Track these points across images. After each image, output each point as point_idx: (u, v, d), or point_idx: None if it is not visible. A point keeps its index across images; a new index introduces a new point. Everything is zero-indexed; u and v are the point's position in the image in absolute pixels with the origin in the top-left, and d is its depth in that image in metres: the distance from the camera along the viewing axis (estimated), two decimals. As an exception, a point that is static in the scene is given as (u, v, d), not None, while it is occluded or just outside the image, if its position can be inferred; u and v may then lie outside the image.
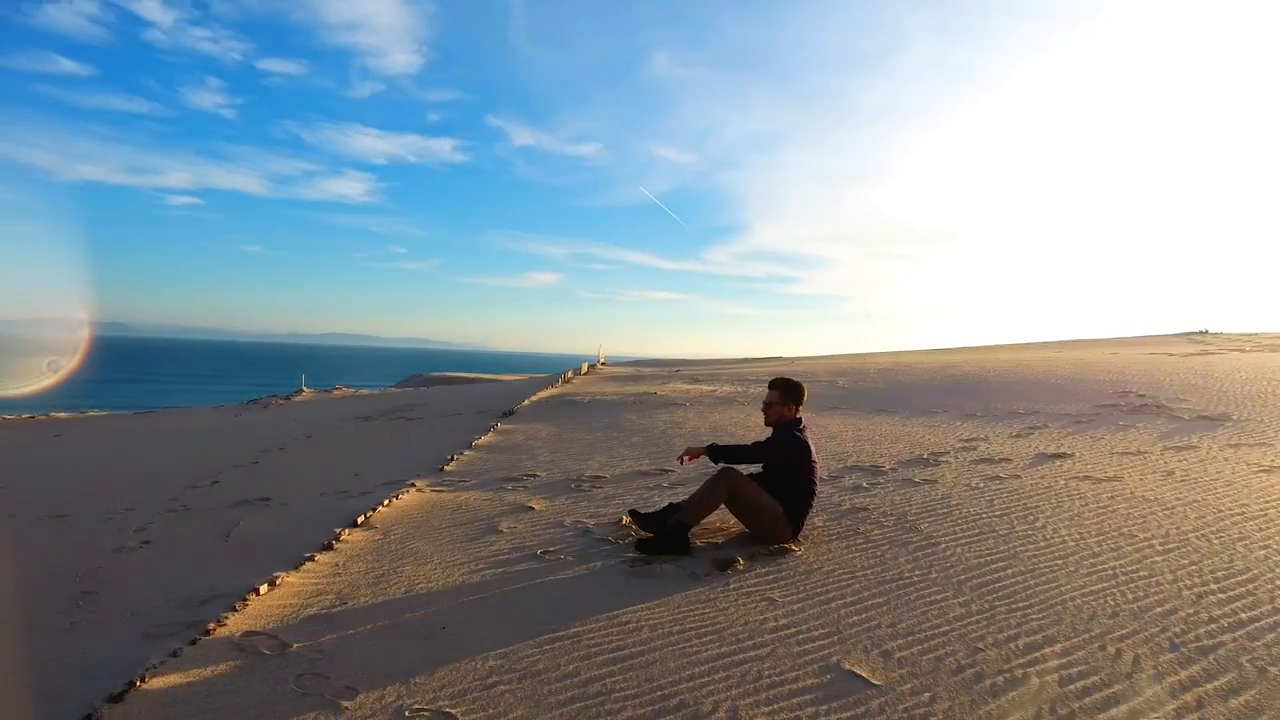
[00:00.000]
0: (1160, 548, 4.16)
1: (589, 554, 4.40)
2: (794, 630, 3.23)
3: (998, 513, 4.98)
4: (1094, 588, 3.60)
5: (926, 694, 2.64)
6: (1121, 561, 3.96)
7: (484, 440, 8.79)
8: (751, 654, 3.01)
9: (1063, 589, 3.60)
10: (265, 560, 4.43)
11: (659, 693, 2.72)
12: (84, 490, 7.76)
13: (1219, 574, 3.72)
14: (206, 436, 12.32)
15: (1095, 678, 2.72)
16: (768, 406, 4.87)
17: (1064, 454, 6.98)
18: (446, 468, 7.20)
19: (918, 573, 3.90)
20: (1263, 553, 4.02)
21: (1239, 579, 3.65)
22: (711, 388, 14.14)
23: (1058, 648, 2.97)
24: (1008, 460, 6.80)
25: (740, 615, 3.41)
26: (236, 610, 3.53)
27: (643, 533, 4.72)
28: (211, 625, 3.35)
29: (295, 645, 3.18)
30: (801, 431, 4.70)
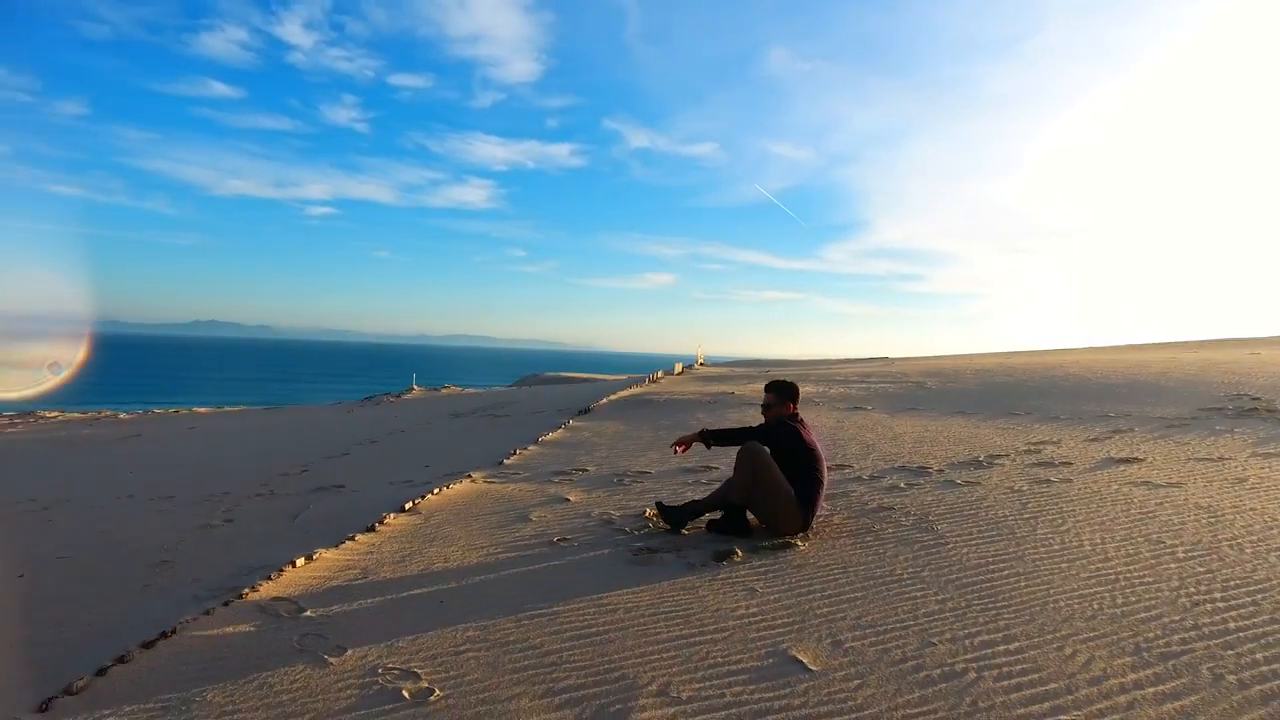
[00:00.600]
0: (1182, 555, 3.98)
1: (601, 543, 4.63)
2: (759, 618, 3.35)
3: (1026, 516, 4.85)
4: (1086, 591, 3.52)
5: (856, 681, 2.72)
6: (1132, 567, 3.82)
7: (551, 436, 9.17)
8: (709, 638, 3.16)
9: (1052, 591, 3.53)
10: (318, 539, 4.90)
11: (606, 666, 2.92)
12: (194, 475, 8.67)
13: (1231, 583, 3.55)
14: (314, 430, 13.36)
15: (1035, 675, 2.71)
16: (766, 408, 4.99)
17: (1134, 459, 6.64)
18: (506, 461, 7.60)
19: (910, 570, 3.91)
20: (1294, 563, 3.79)
21: (1250, 589, 3.47)
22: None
23: (1013, 646, 2.96)
24: (1068, 464, 6.54)
25: (715, 602, 3.56)
26: (271, 579, 3.98)
27: (664, 524, 4.91)
28: (246, 591, 3.80)
29: (309, 611, 3.57)
30: (799, 424, 4.79)
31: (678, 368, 21.87)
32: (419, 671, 2.91)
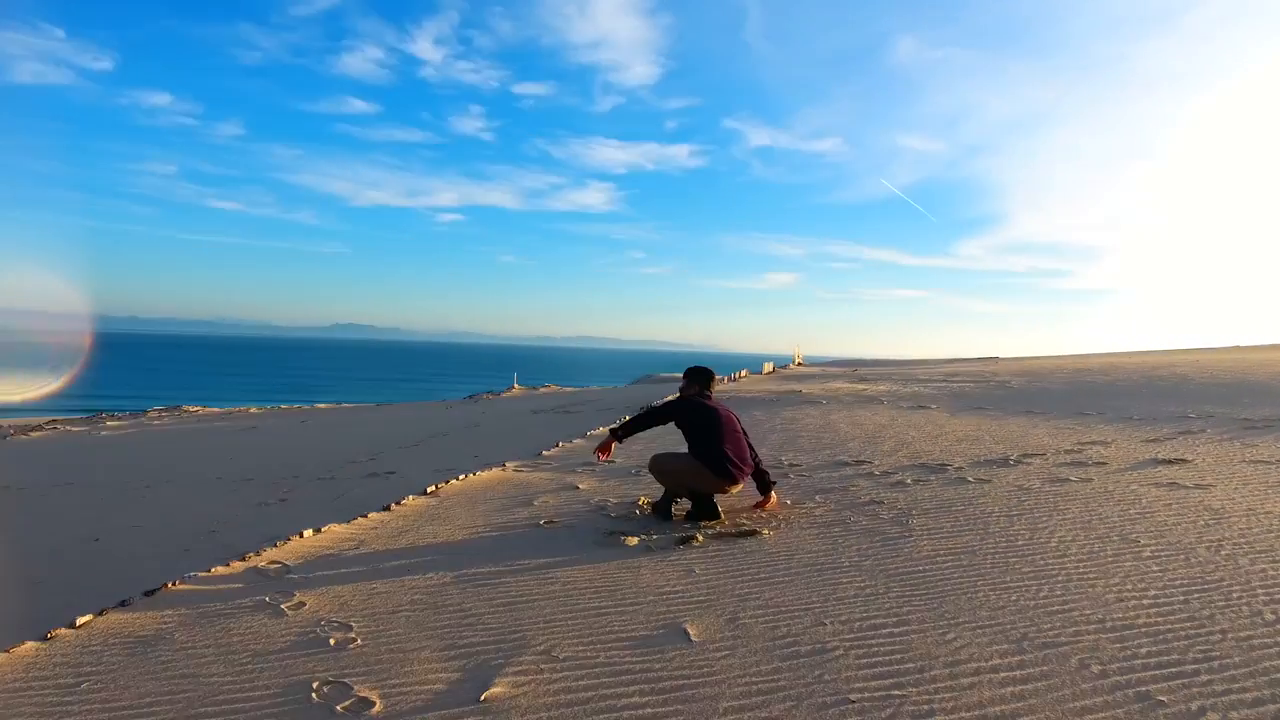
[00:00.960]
0: (1148, 555, 3.84)
1: (584, 526, 4.90)
2: (677, 595, 3.53)
3: (1012, 513, 4.76)
4: (1016, 584, 3.49)
5: (725, 652, 2.87)
6: (1082, 564, 3.74)
7: (599, 430, 9.51)
8: (620, 609, 3.37)
9: (981, 583, 3.52)
10: (345, 516, 5.42)
11: (512, 629, 3.19)
12: (279, 462, 9.57)
13: (1176, 583, 3.43)
14: (403, 424, 14.29)
15: (899, 655, 2.78)
16: (681, 390, 5.33)
17: (1180, 460, 6.29)
18: (545, 452, 8.00)
19: (854, 560, 3.97)
20: (1262, 565, 3.60)
21: (1190, 589, 3.34)
22: (866, 386, 13.83)
23: (899, 629, 3.02)
24: (1103, 464, 6.27)
25: (648, 580, 3.76)
26: (276, 546, 4.50)
27: (650, 512, 5.14)
28: (249, 554, 4.33)
29: (295, 573, 4.03)
30: (703, 399, 5.21)
31: (767, 367, 21.76)
32: (353, 625, 3.29)
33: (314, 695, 2.67)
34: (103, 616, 3.45)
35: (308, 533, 4.76)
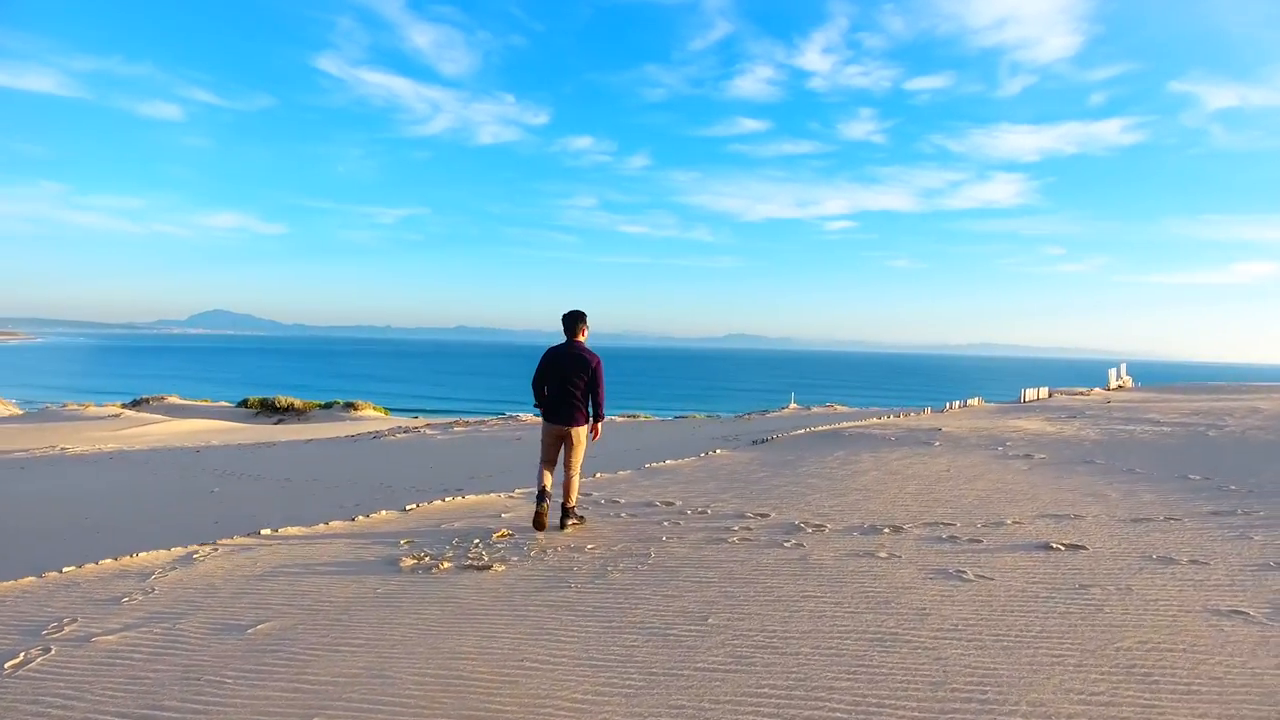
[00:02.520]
0: (673, 623, 4.17)
1: (426, 546, 6.36)
2: (325, 604, 4.87)
3: (706, 576, 5.08)
4: (509, 628, 4.18)
5: (233, 639, 4.23)
6: (596, 623, 4.24)
7: (669, 464, 10.50)
8: (264, 606, 4.90)
9: (497, 612, 4.31)
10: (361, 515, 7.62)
11: (193, 590, 4.95)
12: (448, 469, 12.34)
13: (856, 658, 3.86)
14: (626, 440, 16.44)
15: (292, 664, 3.92)
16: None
17: (1074, 546, 5.52)
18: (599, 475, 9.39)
19: (480, 595, 4.87)
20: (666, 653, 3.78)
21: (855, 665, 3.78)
22: (1040, 427, 12.26)
23: (348, 646, 4.10)
24: (976, 542, 5.77)
25: (331, 591, 5.11)
26: (245, 534, 6.80)
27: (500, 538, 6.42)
28: (220, 539, 6.69)
29: (218, 551, 6.25)
30: (560, 346, 6.52)
31: (1036, 393, 19.41)
32: (174, 570, 5.34)
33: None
34: (118, 560, 6.03)
35: (266, 531, 7.02)
